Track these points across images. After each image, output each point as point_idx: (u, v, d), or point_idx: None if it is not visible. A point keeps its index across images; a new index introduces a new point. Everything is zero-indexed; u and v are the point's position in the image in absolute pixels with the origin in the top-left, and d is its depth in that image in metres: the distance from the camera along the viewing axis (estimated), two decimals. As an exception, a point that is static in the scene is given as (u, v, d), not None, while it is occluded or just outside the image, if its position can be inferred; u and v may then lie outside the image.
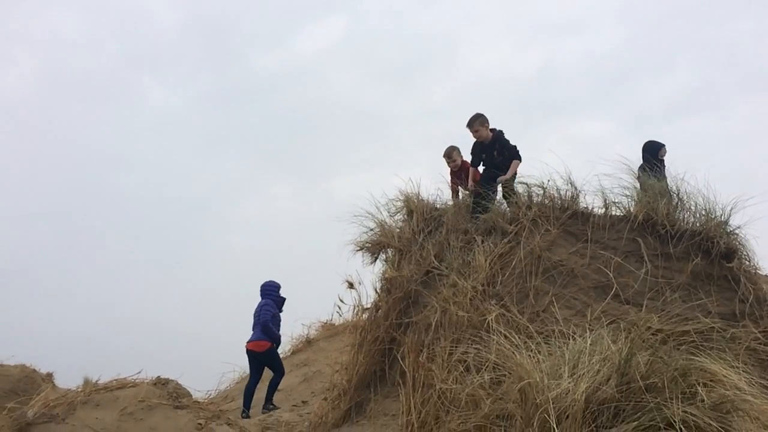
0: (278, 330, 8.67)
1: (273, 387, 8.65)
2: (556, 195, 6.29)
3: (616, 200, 6.18)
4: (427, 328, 6.00)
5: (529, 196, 6.41)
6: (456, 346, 5.46)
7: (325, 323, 12.07)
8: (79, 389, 5.99)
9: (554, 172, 6.35)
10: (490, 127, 6.91)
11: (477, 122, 6.78)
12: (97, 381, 6.02)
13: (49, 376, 13.47)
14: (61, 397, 5.68)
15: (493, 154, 6.81)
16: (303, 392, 9.24)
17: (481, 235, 6.33)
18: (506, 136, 6.92)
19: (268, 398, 8.58)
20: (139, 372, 6.11)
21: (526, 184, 6.48)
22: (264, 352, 8.52)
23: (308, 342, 11.59)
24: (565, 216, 6.12)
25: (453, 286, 5.98)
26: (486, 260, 5.95)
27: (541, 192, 6.38)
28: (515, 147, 6.86)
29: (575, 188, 6.29)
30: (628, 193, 6.13)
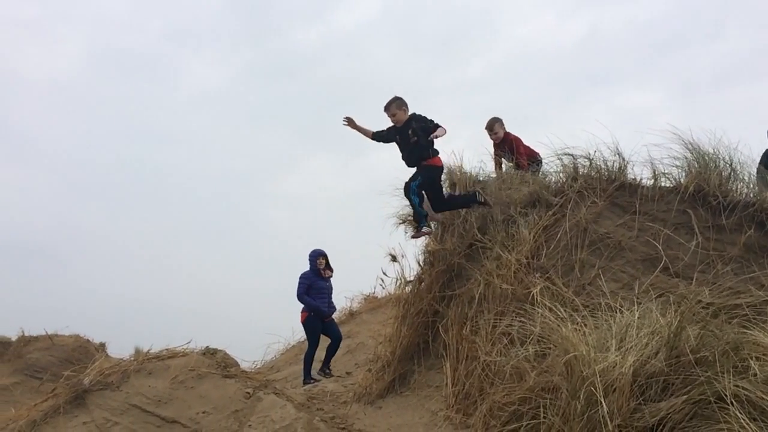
0: (320, 297, 8.73)
1: (328, 353, 8.81)
2: (603, 166, 6.15)
3: (666, 171, 6.01)
4: (470, 300, 5.99)
5: (575, 168, 6.28)
6: (500, 319, 5.44)
7: (368, 296, 12.16)
8: (132, 358, 6.18)
9: (601, 143, 6.21)
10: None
11: (394, 105, 6.49)
12: (148, 351, 6.18)
13: (102, 346, 13.99)
14: (115, 366, 5.86)
15: (407, 134, 6.53)
16: (347, 364, 9.36)
17: (525, 207, 6.25)
18: (431, 120, 6.57)
19: (325, 363, 8.76)
20: (189, 342, 6.27)
21: (572, 155, 6.35)
22: (303, 323, 8.71)
23: (351, 314, 11.71)
24: (613, 187, 5.99)
25: (496, 259, 5.94)
26: (530, 233, 5.89)
27: (588, 163, 6.25)
28: (433, 121, 6.61)
29: (623, 159, 6.14)
30: (678, 164, 5.95)
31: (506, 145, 7.57)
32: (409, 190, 6.36)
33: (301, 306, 8.68)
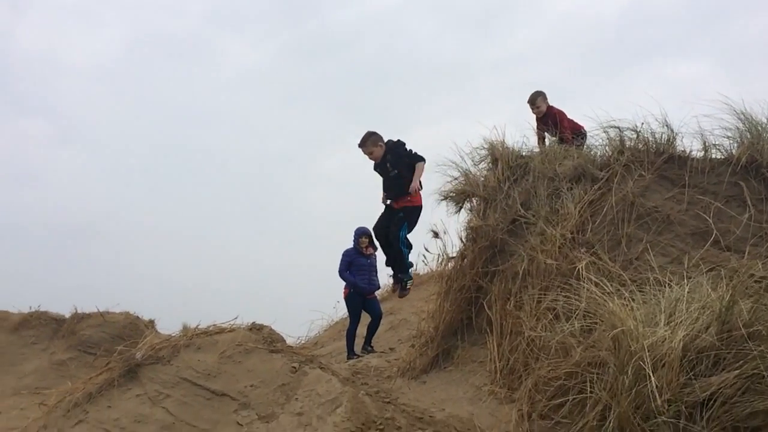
0: (360, 274, 8.79)
1: (369, 331, 8.91)
2: (650, 138, 6.01)
3: (717, 143, 5.85)
4: (514, 276, 5.96)
5: (621, 141, 6.16)
6: (544, 294, 5.40)
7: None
8: (180, 334, 6.32)
9: (648, 115, 6.06)
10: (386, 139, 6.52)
11: (369, 142, 6.23)
12: (196, 327, 6.31)
13: (151, 322, 14.35)
14: (166, 341, 6.01)
15: (386, 168, 6.30)
16: (390, 340, 9.42)
17: (570, 182, 6.16)
18: (404, 146, 6.46)
19: (367, 340, 8.87)
20: (235, 318, 6.37)
21: (618, 128, 6.22)
22: (345, 299, 8.83)
23: (393, 291, 11.75)
24: (661, 160, 5.85)
25: (541, 234, 5.88)
26: (575, 207, 5.81)
27: (635, 136, 6.12)
28: (412, 151, 6.37)
29: (671, 131, 5.99)
30: (729, 135, 5.78)
31: (549, 119, 7.46)
32: (397, 239, 6.23)
33: (344, 282, 8.79)
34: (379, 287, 9.20)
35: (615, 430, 4.09)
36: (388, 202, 6.74)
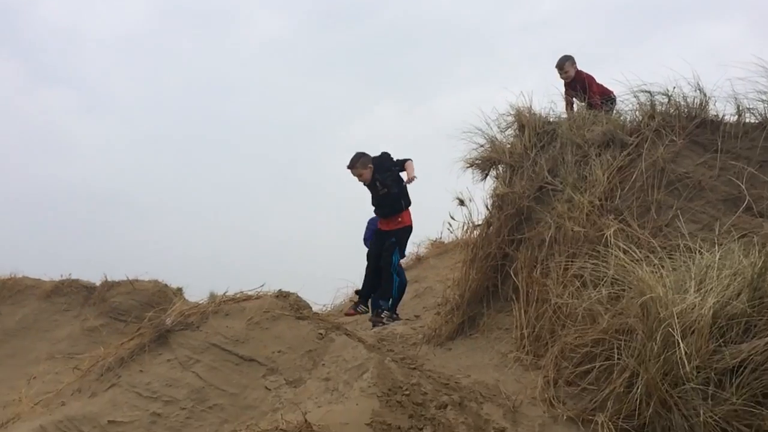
0: None
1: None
2: (682, 103, 5.87)
3: (751, 106, 5.69)
4: (540, 244, 5.92)
5: (652, 105, 6.02)
6: (571, 262, 5.36)
7: (435, 241, 12.19)
8: (209, 301, 6.41)
9: (680, 79, 5.91)
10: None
11: (359, 165, 6.07)
12: (224, 294, 6.38)
13: (179, 290, 14.57)
14: (195, 308, 6.10)
15: (376, 187, 6.15)
16: (415, 307, 9.46)
17: (599, 148, 6.07)
18: (389, 157, 6.36)
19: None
20: (262, 285, 6.42)
21: (649, 92, 6.09)
22: None
23: (418, 259, 11.79)
24: (693, 125, 5.72)
25: (568, 201, 5.82)
26: (604, 174, 5.72)
27: (666, 100, 5.98)
28: (397, 160, 6.27)
29: (704, 95, 5.84)
30: (764, 98, 5.62)
31: (578, 84, 7.32)
32: (389, 265, 6.12)
33: None
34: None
35: (642, 396, 4.09)
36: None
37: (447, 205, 7.42)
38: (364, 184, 6.34)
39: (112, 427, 4.77)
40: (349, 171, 6.27)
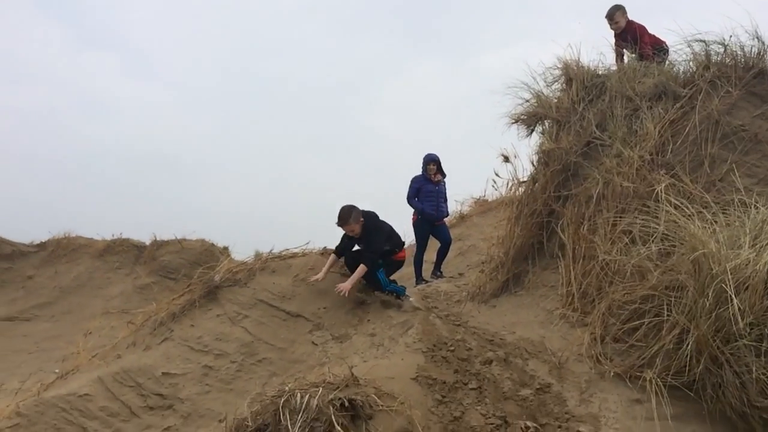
0: (428, 201, 8.77)
1: (439, 256, 8.97)
2: (739, 53, 5.62)
3: (813, 55, 5.42)
4: (587, 200, 5.81)
5: (707, 55, 5.78)
6: (620, 218, 5.26)
7: (478, 199, 12.09)
8: (255, 259, 6.51)
9: (737, 27, 5.64)
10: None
11: (351, 220, 5.71)
12: (270, 251, 6.48)
13: (226, 249, 14.84)
14: (242, 265, 6.21)
15: (353, 241, 5.92)
16: (458, 265, 9.46)
17: (650, 101, 5.87)
18: (379, 233, 5.87)
19: (436, 266, 8.95)
20: (307, 243, 6.50)
21: (704, 41, 5.83)
22: (413, 225, 8.85)
23: (462, 218, 11.72)
24: (749, 75, 5.48)
25: (617, 156, 5.67)
26: (655, 127, 5.55)
27: (722, 50, 5.72)
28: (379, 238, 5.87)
29: (762, 43, 5.57)
30: (828, 47, 5.34)
31: (629, 35, 7.04)
32: (379, 283, 5.84)
33: (413, 209, 8.81)
34: (447, 214, 9.15)
35: (693, 353, 4.03)
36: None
37: (491, 162, 7.32)
38: (354, 240, 5.96)
39: (166, 378, 4.94)
40: (340, 227, 5.82)
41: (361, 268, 5.72)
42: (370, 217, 5.93)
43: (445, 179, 8.89)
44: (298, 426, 3.43)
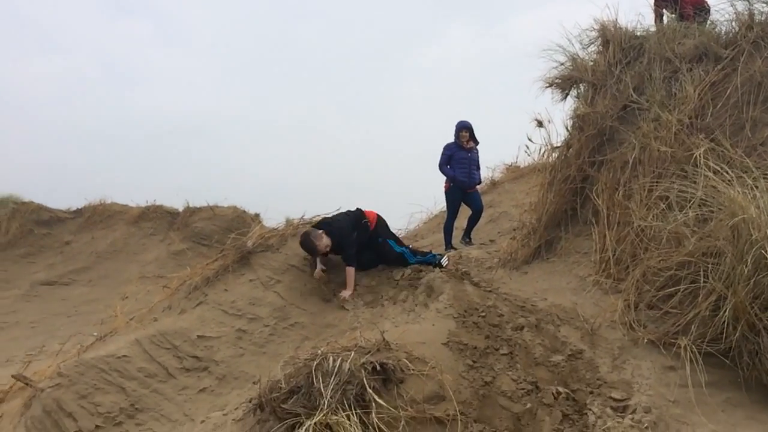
0: (460, 168, 8.70)
1: (469, 223, 8.94)
2: (785, 11, 5.41)
3: None
4: (623, 165, 5.70)
5: (750, 15, 5.56)
6: (656, 183, 5.15)
7: (510, 165, 11.98)
8: (287, 225, 6.54)
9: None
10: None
11: (316, 243, 5.52)
12: (301, 217, 6.49)
13: (257, 215, 14.98)
14: (274, 231, 6.26)
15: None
16: (490, 232, 9.40)
17: (690, 62, 5.70)
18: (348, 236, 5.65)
19: (466, 232, 8.93)
20: (338, 209, 6.50)
21: (748, 0, 5.62)
22: (445, 192, 8.82)
23: (493, 184, 11.63)
24: (795, 35, 5.28)
25: (655, 120, 5.54)
26: (695, 90, 5.39)
27: (766, 9, 5.51)
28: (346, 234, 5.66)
29: (811, 1, 5.36)
30: None
31: (670, -6, 6.83)
32: (401, 257, 5.67)
33: (445, 177, 8.77)
34: (479, 181, 9.08)
35: (729, 320, 3.96)
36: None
37: (524, 127, 7.21)
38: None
39: (201, 341, 5.03)
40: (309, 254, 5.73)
41: (349, 270, 5.63)
42: (327, 224, 5.77)
43: (478, 146, 8.80)
44: (330, 388, 3.46)
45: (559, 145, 6.68)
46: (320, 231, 5.65)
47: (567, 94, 6.75)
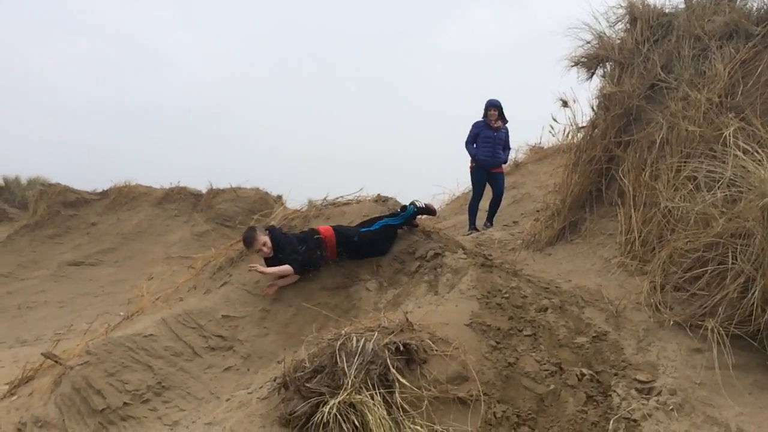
0: (484, 146, 8.63)
1: (492, 207, 8.90)
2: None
3: None
4: (650, 145, 5.61)
5: (784, -12, 5.42)
6: (684, 163, 5.06)
7: (533, 147, 11.87)
8: (309, 206, 6.55)
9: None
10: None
11: (257, 234, 5.21)
12: (324, 198, 6.50)
13: (279, 197, 15.07)
14: (297, 212, 6.27)
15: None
16: (513, 214, 9.35)
17: (719, 40, 5.57)
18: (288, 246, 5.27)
19: (488, 216, 8.89)
20: (360, 190, 6.49)
21: (780, -28, 5.46)
22: (470, 172, 8.77)
23: (516, 165, 11.54)
24: (830, 11, 5.14)
25: (683, 99, 5.43)
26: (725, 68, 5.27)
27: (800, -16, 5.36)
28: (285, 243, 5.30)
29: None
30: None
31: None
32: (391, 226, 5.45)
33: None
34: (504, 161, 9.00)
35: (758, 302, 3.91)
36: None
37: (548, 107, 7.14)
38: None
39: (226, 321, 5.08)
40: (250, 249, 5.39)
41: (285, 267, 5.19)
42: (271, 228, 5.47)
43: (507, 125, 8.73)
44: (354, 368, 3.48)
45: (584, 125, 6.59)
46: (266, 231, 5.35)
47: (593, 73, 6.65)
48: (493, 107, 8.51)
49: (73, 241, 15.02)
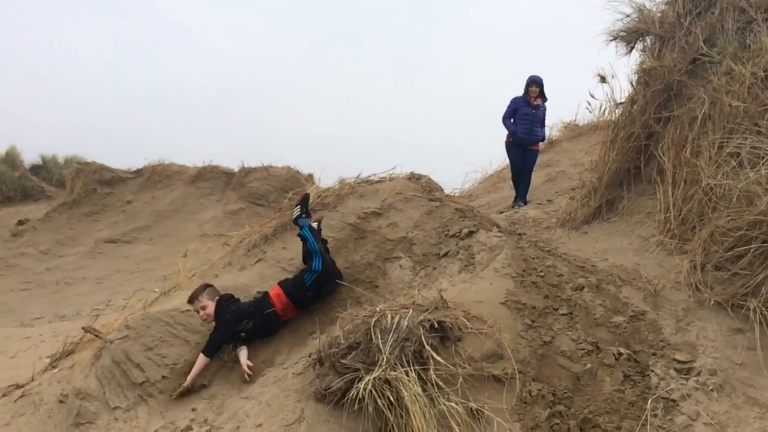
0: (522, 122, 8.54)
1: (522, 186, 8.84)
2: None
3: None
4: (691, 121, 5.46)
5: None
6: (727, 140, 4.92)
7: (568, 124, 11.68)
8: (343, 184, 6.53)
9: None
10: None
11: (195, 302, 4.78)
12: (357, 176, 6.48)
13: (311, 176, 15.12)
14: (330, 190, 6.27)
15: None
16: (547, 192, 9.24)
17: (766, 12, 5.37)
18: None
19: (522, 194, 8.84)
20: (394, 167, 6.46)
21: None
22: (506, 147, 8.71)
23: (551, 143, 11.37)
24: None
25: (727, 73, 5.26)
26: (772, 41, 5.09)
27: None
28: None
29: None
30: None
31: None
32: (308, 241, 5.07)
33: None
34: (541, 138, 8.90)
35: (804, 282, 3.80)
36: None
37: (585, 83, 6.99)
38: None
39: (260, 297, 5.11)
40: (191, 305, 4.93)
41: (200, 358, 4.65)
42: (227, 298, 4.97)
43: (546, 103, 8.61)
44: (389, 345, 3.48)
45: (622, 101, 6.44)
46: (216, 297, 4.90)
47: (632, 48, 6.46)
48: (535, 84, 8.38)
49: (109, 219, 15.30)
